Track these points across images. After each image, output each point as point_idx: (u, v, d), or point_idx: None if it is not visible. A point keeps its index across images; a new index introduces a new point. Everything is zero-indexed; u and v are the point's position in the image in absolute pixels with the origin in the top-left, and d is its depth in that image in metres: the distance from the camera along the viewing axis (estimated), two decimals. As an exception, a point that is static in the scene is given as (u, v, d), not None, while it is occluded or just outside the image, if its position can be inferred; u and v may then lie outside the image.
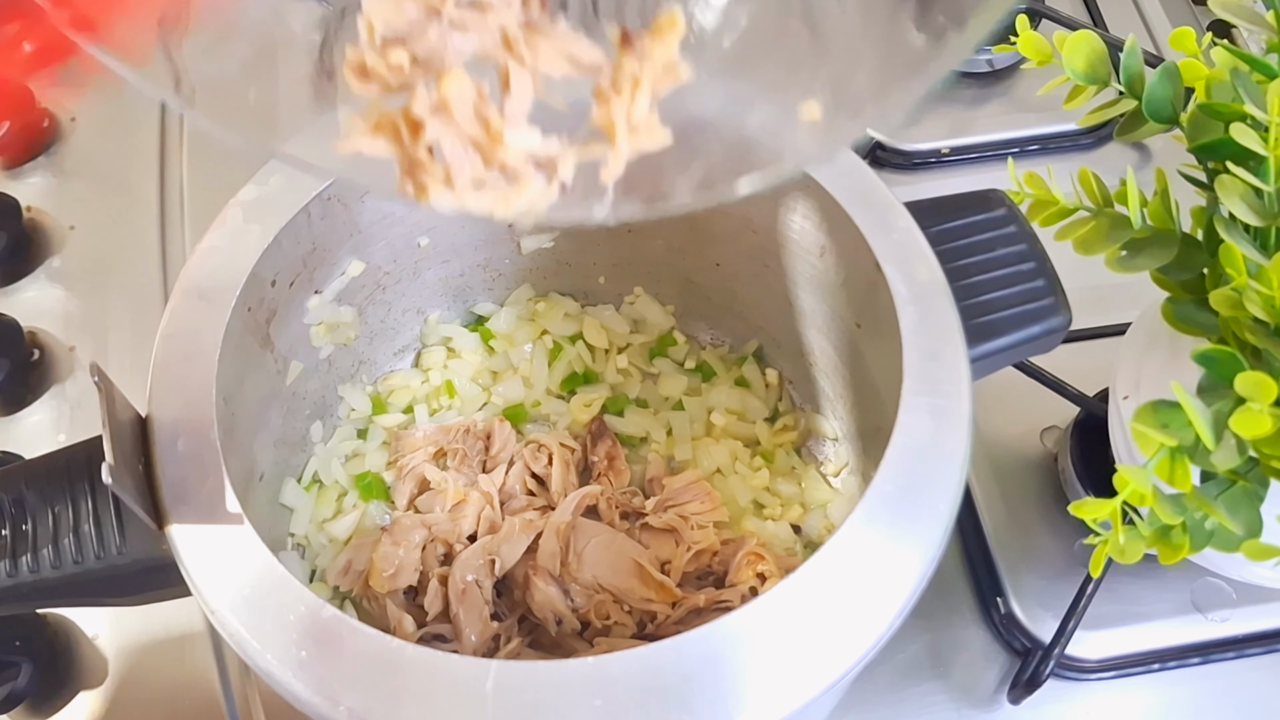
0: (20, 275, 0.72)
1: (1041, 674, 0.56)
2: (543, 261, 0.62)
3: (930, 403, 0.43)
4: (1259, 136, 0.39)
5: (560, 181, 0.31)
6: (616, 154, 0.31)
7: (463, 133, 0.30)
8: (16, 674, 0.57)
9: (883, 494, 0.41)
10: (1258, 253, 0.39)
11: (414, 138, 0.30)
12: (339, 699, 0.37)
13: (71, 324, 0.70)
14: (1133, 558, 0.40)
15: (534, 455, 0.59)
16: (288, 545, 0.56)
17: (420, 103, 0.30)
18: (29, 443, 0.66)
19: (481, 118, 0.30)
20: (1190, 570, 0.56)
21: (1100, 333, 0.65)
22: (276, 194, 0.48)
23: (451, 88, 0.30)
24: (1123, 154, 0.76)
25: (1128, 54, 0.45)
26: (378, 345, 0.61)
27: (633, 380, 0.64)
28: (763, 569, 0.54)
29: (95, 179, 0.76)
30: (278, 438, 0.55)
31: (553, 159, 0.31)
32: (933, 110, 0.77)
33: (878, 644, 0.39)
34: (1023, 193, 0.47)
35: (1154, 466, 0.38)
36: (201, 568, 0.40)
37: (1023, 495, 0.62)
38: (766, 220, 0.53)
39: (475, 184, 0.31)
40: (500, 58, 0.31)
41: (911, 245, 0.47)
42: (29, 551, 0.42)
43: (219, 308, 0.45)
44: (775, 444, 0.61)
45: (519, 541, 0.55)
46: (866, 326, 0.50)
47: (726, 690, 0.37)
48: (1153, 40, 0.81)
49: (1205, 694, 0.58)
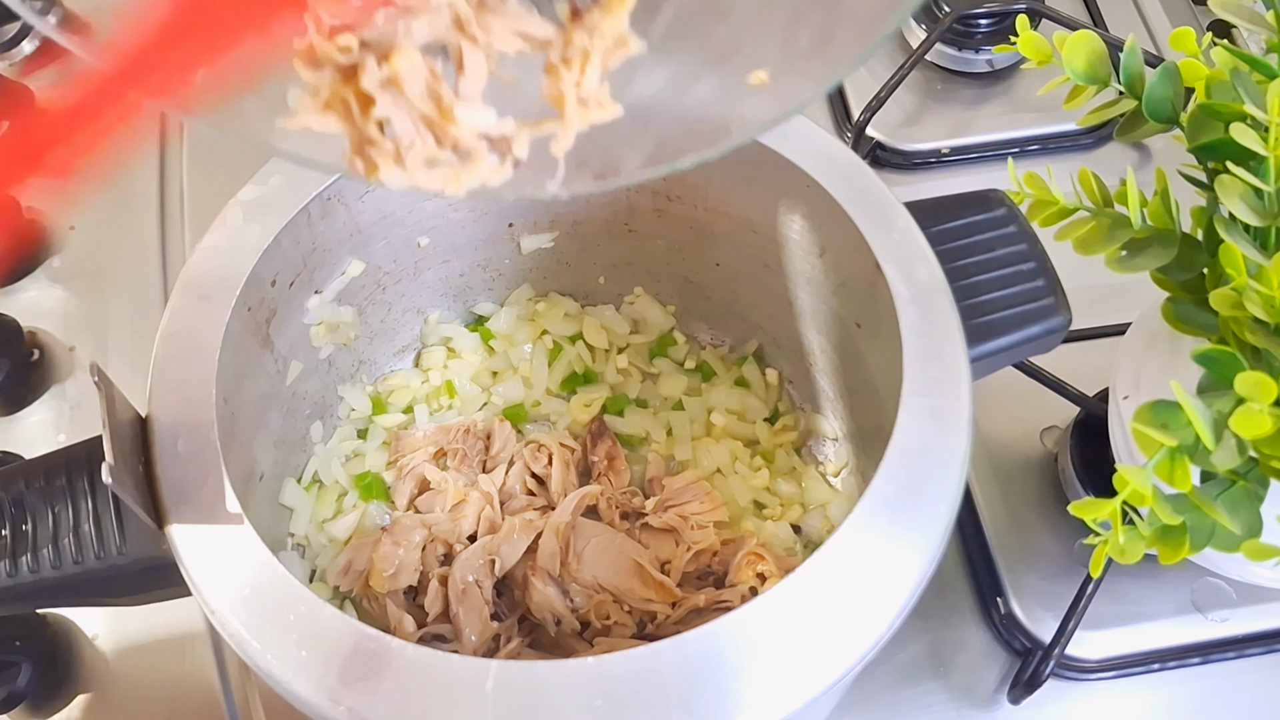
0: (20, 275, 0.72)
1: (1041, 674, 0.56)
2: (543, 261, 0.62)
3: (930, 403, 0.43)
4: (1259, 136, 0.39)
5: (513, 159, 0.31)
6: (566, 127, 0.31)
7: (414, 110, 0.30)
8: (16, 674, 0.57)
9: (883, 494, 0.41)
10: (1258, 253, 0.39)
11: (364, 114, 0.30)
12: (339, 699, 0.37)
13: (71, 324, 0.70)
14: (1133, 558, 0.40)
15: (534, 455, 0.59)
16: (288, 545, 0.56)
17: (370, 77, 0.30)
18: (29, 443, 0.66)
19: (434, 95, 0.30)
20: (1190, 570, 0.56)
21: (1100, 333, 0.65)
22: (276, 194, 0.48)
23: (402, 63, 0.30)
24: (1123, 154, 0.76)
25: (1128, 54, 0.45)
26: (378, 345, 0.61)
27: (633, 380, 0.64)
28: (763, 569, 0.54)
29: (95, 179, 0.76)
30: (278, 438, 0.55)
31: (506, 137, 0.31)
32: (933, 110, 0.77)
33: (878, 644, 0.39)
34: (1023, 193, 0.47)
35: (1154, 466, 0.38)
36: (201, 568, 0.40)
37: (1023, 495, 0.62)
38: (767, 220, 0.53)
39: (428, 162, 0.31)
40: (452, 39, 0.31)
41: (911, 245, 0.47)
42: (29, 551, 0.42)
43: (219, 308, 0.45)
44: (775, 444, 0.61)
45: (519, 541, 0.55)
46: (866, 326, 0.50)
47: (726, 690, 0.37)
48: (1153, 40, 0.81)
49: (1205, 694, 0.58)
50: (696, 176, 0.54)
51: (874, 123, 0.75)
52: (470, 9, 0.31)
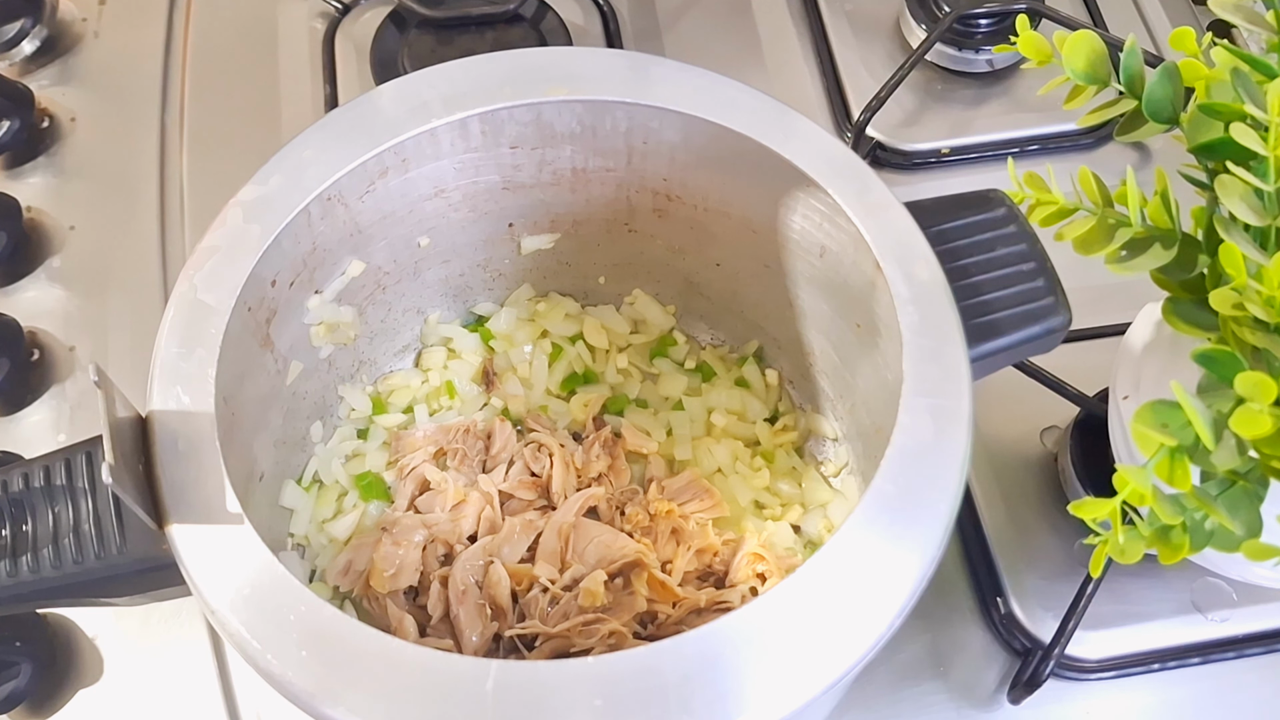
0: (20, 275, 0.72)
1: (1041, 674, 0.56)
2: (543, 261, 0.62)
3: (930, 403, 0.43)
4: (1259, 136, 0.39)
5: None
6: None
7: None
8: (16, 674, 0.57)
9: (883, 494, 0.41)
10: (1258, 253, 0.39)
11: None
12: (339, 699, 0.37)
13: (71, 324, 0.70)
14: (1133, 558, 0.40)
15: (534, 455, 0.59)
16: (288, 545, 0.56)
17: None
18: (29, 443, 0.66)
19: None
20: (1190, 570, 0.56)
21: (1100, 333, 0.65)
22: (276, 194, 0.48)
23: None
24: (1123, 154, 0.76)
25: (1128, 54, 0.45)
26: (378, 345, 0.61)
27: (633, 380, 0.64)
28: (763, 569, 0.54)
29: (95, 179, 0.76)
30: (278, 438, 0.55)
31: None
32: (933, 110, 0.77)
33: (878, 644, 0.39)
34: (1023, 193, 0.47)
35: (1154, 466, 0.37)
36: (201, 568, 0.40)
37: (1023, 495, 0.62)
38: (767, 220, 0.53)
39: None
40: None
41: (911, 245, 0.46)
42: (29, 551, 0.42)
43: (219, 308, 0.45)
44: (775, 444, 0.61)
45: (519, 542, 0.55)
46: (866, 326, 0.50)
47: (726, 690, 0.37)
48: (1153, 40, 0.81)
49: (1205, 694, 0.58)
50: (697, 176, 0.54)
51: (874, 123, 0.75)
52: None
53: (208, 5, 0.83)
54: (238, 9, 0.83)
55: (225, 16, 0.83)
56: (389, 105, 0.50)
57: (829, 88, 0.79)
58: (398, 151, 0.50)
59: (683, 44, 0.81)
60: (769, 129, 0.49)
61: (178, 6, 0.83)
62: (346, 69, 0.79)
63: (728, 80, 0.51)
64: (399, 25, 0.80)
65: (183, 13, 0.83)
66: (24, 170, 0.76)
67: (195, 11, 0.83)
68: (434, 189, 0.54)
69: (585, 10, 0.82)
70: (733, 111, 0.50)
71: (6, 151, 0.76)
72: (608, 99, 0.51)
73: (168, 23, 0.82)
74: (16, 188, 0.75)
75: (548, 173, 0.55)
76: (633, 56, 0.52)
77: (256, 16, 0.82)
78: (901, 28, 0.80)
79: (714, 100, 0.50)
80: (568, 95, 0.50)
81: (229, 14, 0.83)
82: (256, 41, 0.81)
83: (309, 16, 0.82)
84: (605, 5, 0.81)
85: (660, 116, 0.51)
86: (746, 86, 0.50)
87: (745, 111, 0.50)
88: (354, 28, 0.81)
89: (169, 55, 0.81)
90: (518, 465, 0.59)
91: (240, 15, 0.82)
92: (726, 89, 0.50)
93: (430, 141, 0.51)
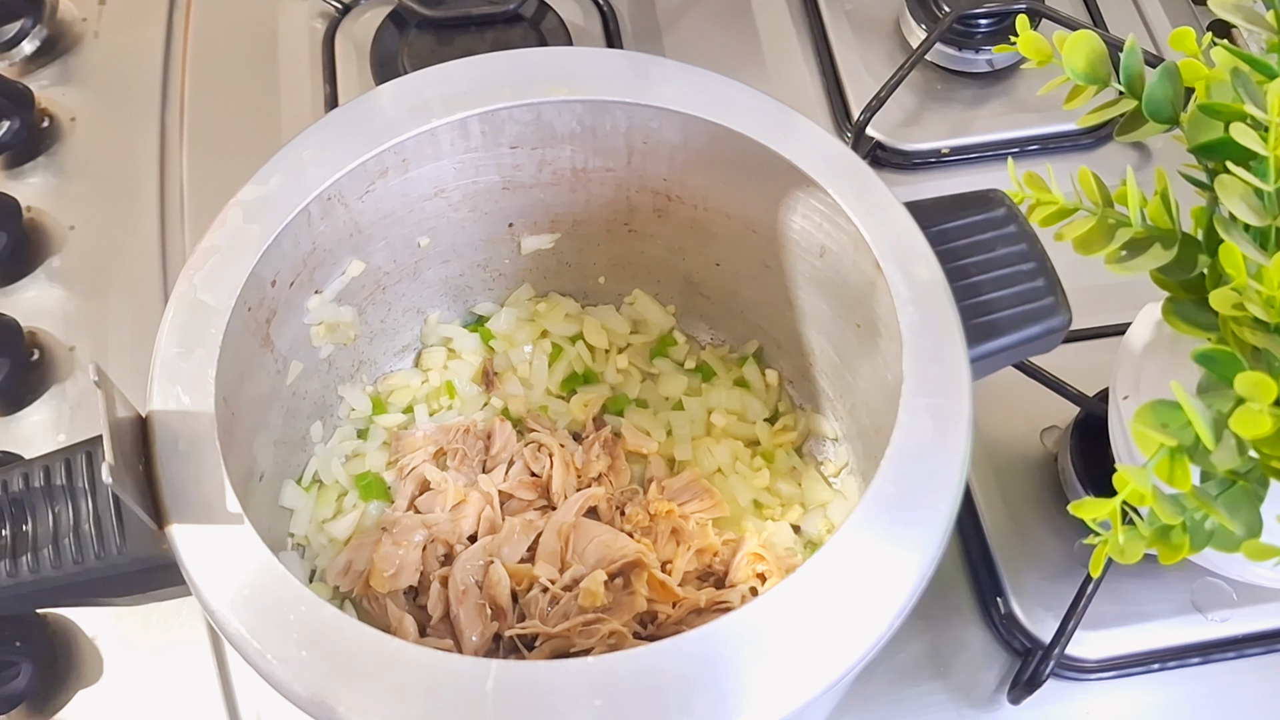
0: (20, 275, 0.72)
1: (1041, 674, 0.56)
2: (543, 261, 0.62)
3: (930, 403, 0.43)
4: (1259, 136, 0.39)
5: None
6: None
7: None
8: (16, 674, 0.57)
9: (883, 494, 0.41)
10: (1258, 253, 0.39)
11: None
12: (339, 699, 0.37)
13: (71, 324, 0.70)
14: (1133, 558, 0.40)
15: (534, 455, 0.59)
16: (288, 545, 0.56)
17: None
18: (29, 443, 0.66)
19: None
20: (1190, 570, 0.56)
21: (1100, 333, 0.65)
22: (276, 194, 0.48)
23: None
24: (1123, 154, 0.76)
25: (1128, 54, 0.45)
26: (378, 345, 0.61)
27: (633, 380, 0.64)
28: (763, 569, 0.54)
29: (95, 179, 0.76)
30: (278, 438, 0.55)
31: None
32: (933, 110, 0.77)
33: (878, 644, 0.39)
34: (1023, 193, 0.47)
35: (1154, 466, 0.37)
36: (201, 568, 0.40)
37: (1023, 495, 0.62)
38: (767, 221, 0.53)
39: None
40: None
41: (911, 245, 0.46)
42: (29, 551, 0.42)
43: (219, 308, 0.45)
44: (775, 444, 0.61)
45: (519, 542, 0.55)
46: (866, 326, 0.50)
47: (726, 690, 0.37)
48: (1153, 40, 0.81)
49: (1205, 694, 0.58)
50: (697, 176, 0.54)
51: (874, 123, 0.75)
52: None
53: (208, 5, 0.83)
54: (238, 9, 0.83)
55: (225, 16, 0.83)
56: (389, 105, 0.50)
57: (829, 88, 0.79)
58: (398, 151, 0.50)
59: (683, 44, 0.81)
60: (769, 129, 0.49)
61: (178, 6, 0.83)
62: (346, 69, 0.79)
63: (728, 80, 0.51)
64: (399, 25, 0.80)
65: (183, 13, 0.83)
66: (24, 170, 0.76)
67: (195, 11, 0.83)
68: (434, 189, 0.54)
69: (585, 10, 0.82)
70: (733, 111, 0.50)
71: (6, 151, 0.76)
72: (608, 99, 0.51)
73: (168, 23, 0.82)
74: (16, 188, 0.75)
75: (548, 173, 0.55)
76: (633, 56, 0.52)
77: (256, 17, 0.82)
78: (901, 28, 0.80)
79: (714, 100, 0.50)
80: (568, 95, 0.50)
81: (229, 14, 0.83)
82: (256, 41, 0.81)
83: (309, 16, 0.82)
84: (605, 5, 0.82)
85: (660, 116, 0.51)
86: (746, 86, 0.50)
87: (745, 111, 0.50)
88: (354, 28, 0.81)
89: (169, 55, 0.81)
90: (518, 465, 0.59)
91: (240, 15, 0.82)
92: (726, 89, 0.50)
93: (430, 141, 0.51)
